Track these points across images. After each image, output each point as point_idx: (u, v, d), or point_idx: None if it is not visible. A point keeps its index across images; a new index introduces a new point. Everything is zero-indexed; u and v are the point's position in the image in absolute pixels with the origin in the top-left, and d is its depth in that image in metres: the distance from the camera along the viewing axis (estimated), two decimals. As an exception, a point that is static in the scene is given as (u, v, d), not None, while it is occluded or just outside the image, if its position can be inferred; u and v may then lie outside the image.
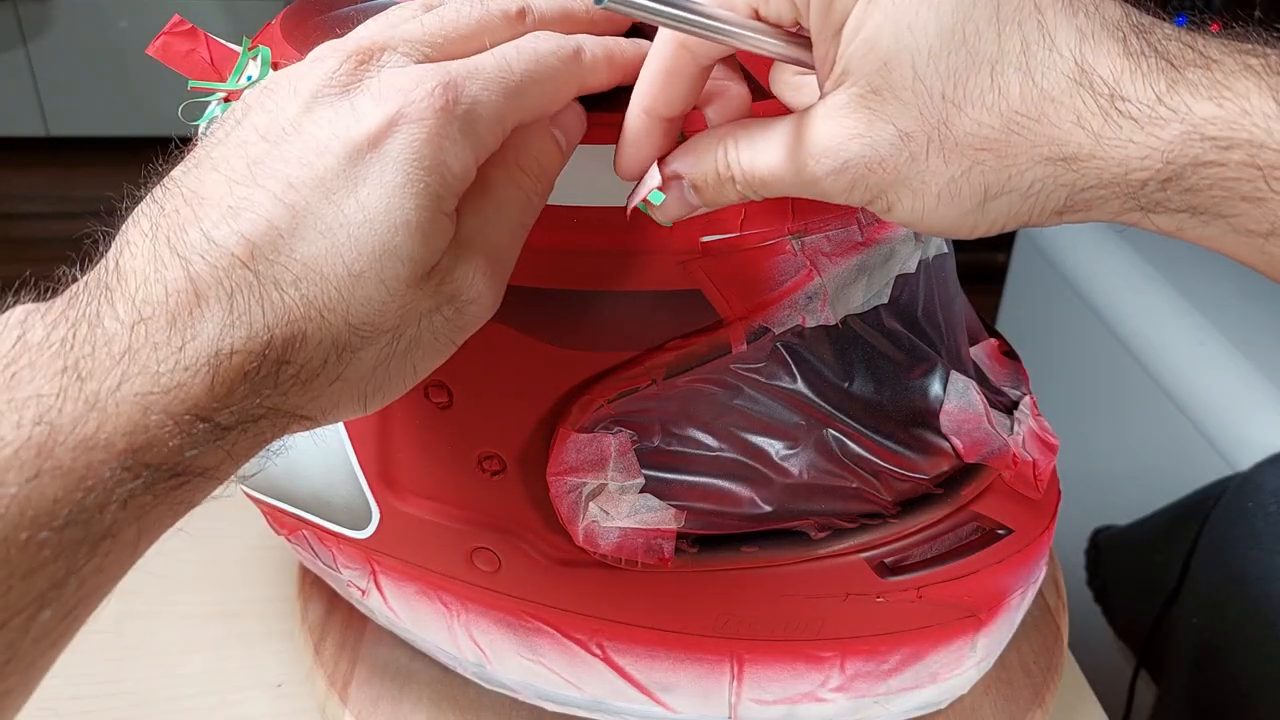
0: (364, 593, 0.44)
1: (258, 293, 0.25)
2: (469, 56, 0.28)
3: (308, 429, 0.28)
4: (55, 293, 0.25)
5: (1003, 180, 0.26)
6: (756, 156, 0.29)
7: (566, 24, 0.31)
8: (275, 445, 0.27)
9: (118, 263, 0.25)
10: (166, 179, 0.27)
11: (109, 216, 0.27)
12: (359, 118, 0.26)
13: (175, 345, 0.24)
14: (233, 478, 0.27)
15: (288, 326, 0.25)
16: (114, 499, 0.23)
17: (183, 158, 0.28)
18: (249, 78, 0.39)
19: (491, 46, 0.29)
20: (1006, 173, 0.25)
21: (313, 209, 0.25)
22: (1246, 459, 0.75)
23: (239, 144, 0.26)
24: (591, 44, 0.30)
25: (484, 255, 0.28)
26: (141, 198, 0.27)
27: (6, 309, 0.24)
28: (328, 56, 0.28)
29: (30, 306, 0.24)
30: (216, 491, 0.26)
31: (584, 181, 0.32)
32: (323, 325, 0.25)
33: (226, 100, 0.40)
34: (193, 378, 0.24)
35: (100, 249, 0.26)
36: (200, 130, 0.42)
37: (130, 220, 0.26)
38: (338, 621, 0.50)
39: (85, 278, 0.25)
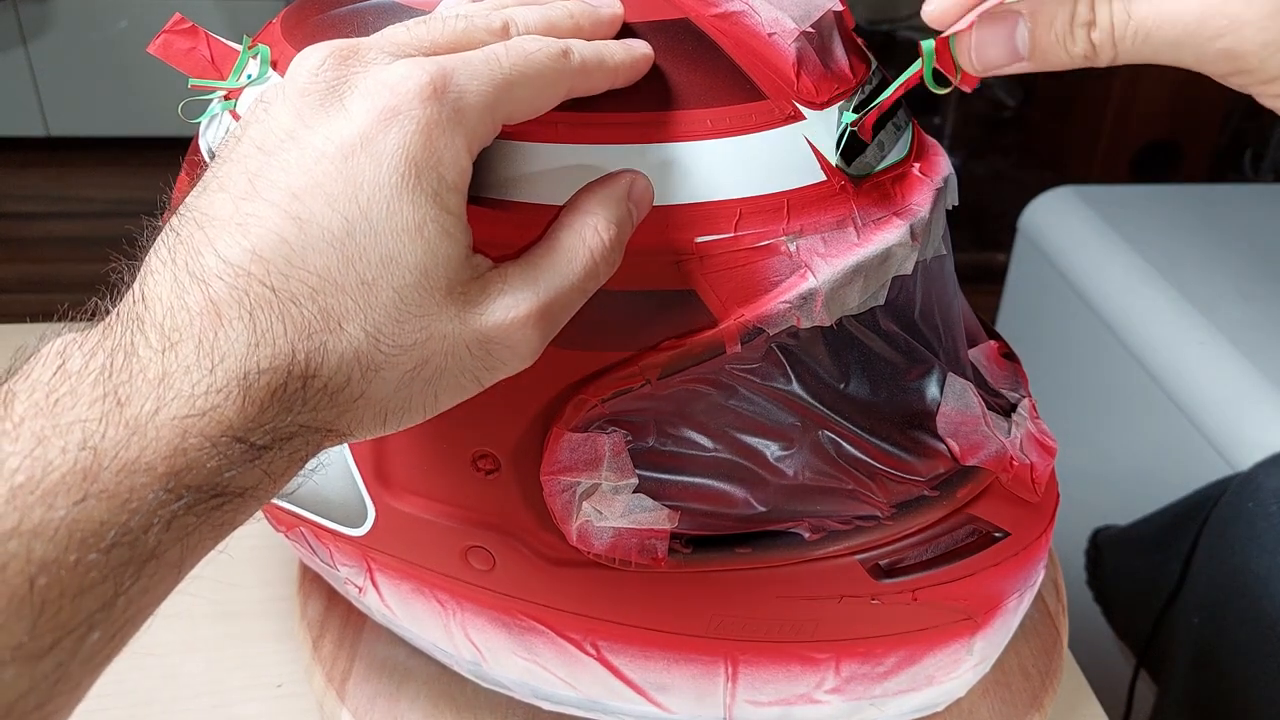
0: (361, 590, 0.44)
1: (277, 309, 0.25)
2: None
3: (339, 444, 0.28)
4: (85, 322, 0.26)
5: None
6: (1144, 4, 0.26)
7: (552, 34, 0.31)
8: (311, 464, 0.27)
9: (143, 292, 0.25)
10: (181, 206, 0.27)
11: (129, 247, 0.27)
12: (350, 118, 0.26)
13: (205, 368, 0.24)
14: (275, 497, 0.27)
15: (309, 340, 0.25)
16: (157, 521, 0.23)
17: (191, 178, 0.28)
18: (249, 76, 0.39)
19: None
20: None
21: (317, 217, 0.25)
22: (1247, 459, 0.74)
23: (240, 160, 0.27)
24: (581, 46, 0.30)
25: (534, 306, 0.28)
26: (159, 227, 0.27)
27: (43, 339, 0.25)
28: (312, 54, 0.28)
29: (69, 337, 0.25)
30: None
31: (577, 181, 0.32)
32: (344, 338, 0.25)
33: (227, 98, 0.40)
34: (225, 400, 0.24)
35: (125, 280, 0.26)
36: (201, 129, 0.43)
37: (151, 249, 0.26)
38: (337, 618, 0.50)
39: (117, 308, 0.25)
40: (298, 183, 0.26)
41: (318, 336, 0.25)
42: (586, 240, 0.30)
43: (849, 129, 0.35)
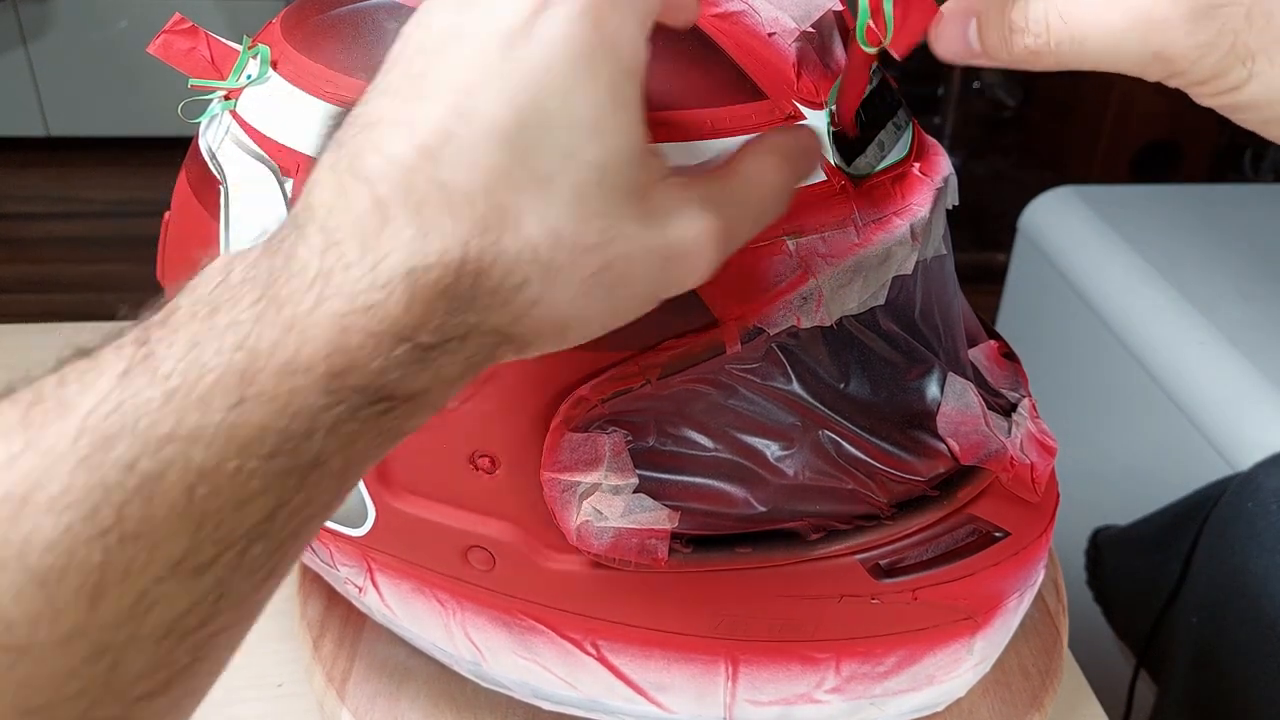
0: (361, 590, 0.44)
1: (446, 204, 0.24)
2: None
3: (514, 357, 0.26)
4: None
5: None
6: (1072, 5, 0.26)
7: None
8: (491, 365, 0.26)
9: (307, 200, 0.24)
10: (346, 117, 0.26)
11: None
12: (510, 4, 0.25)
13: (368, 265, 0.23)
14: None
15: (483, 237, 0.24)
16: (320, 425, 0.22)
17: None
18: (249, 76, 0.39)
19: None
20: None
21: (485, 111, 0.24)
22: (1246, 459, 0.74)
23: (403, 65, 0.26)
24: None
25: (718, 225, 0.27)
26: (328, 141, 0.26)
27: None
28: None
29: (233, 253, 0.24)
30: None
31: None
32: (520, 235, 0.24)
33: (227, 98, 0.40)
34: (388, 296, 0.23)
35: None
36: (200, 129, 0.42)
37: (316, 161, 0.25)
38: (337, 618, 0.50)
39: (284, 220, 0.25)
40: (461, 78, 0.24)
41: (492, 233, 0.24)
42: (767, 175, 0.29)
43: (829, 119, 0.35)
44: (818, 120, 0.35)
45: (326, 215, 0.24)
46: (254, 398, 0.22)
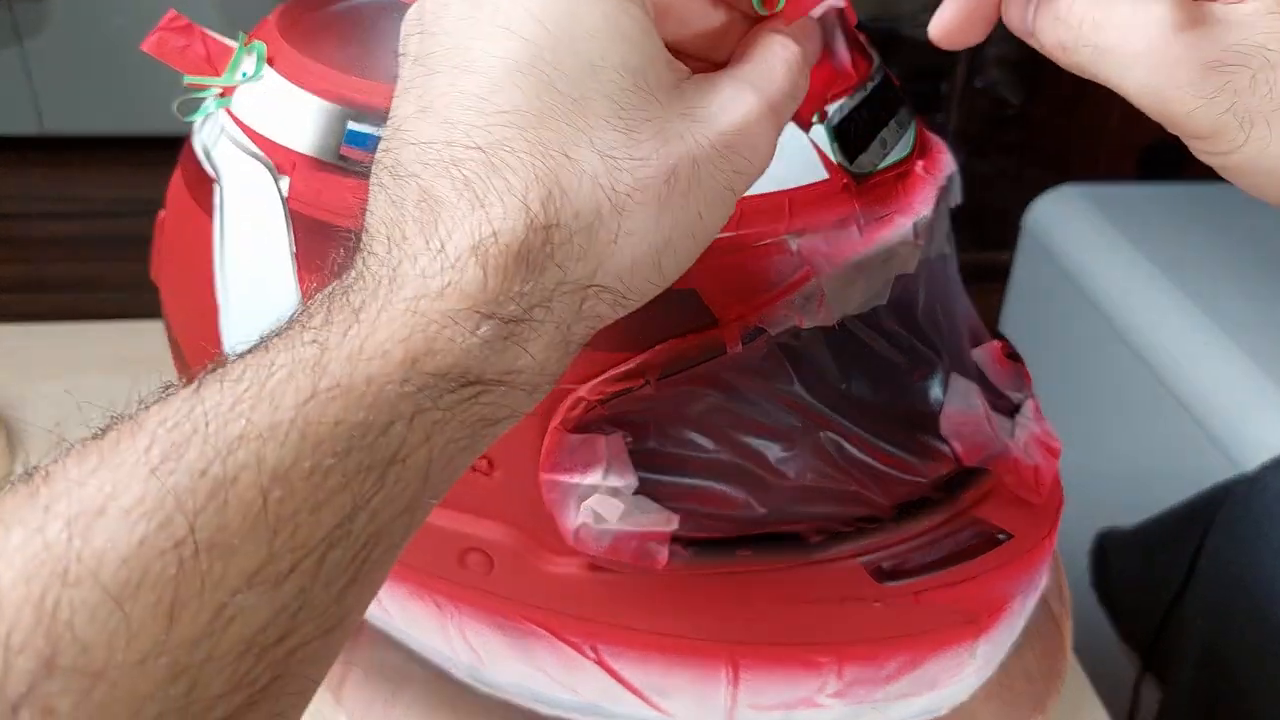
0: (358, 594, 0.44)
1: (489, 166, 0.23)
2: None
3: (617, 311, 0.25)
4: None
5: None
6: (1109, 14, 0.27)
7: None
8: (586, 334, 0.25)
9: (367, 224, 0.24)
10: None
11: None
12: None
13: (435, 249, 0.22)
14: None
15: (539, 184, 0.23)
16: (400, 415, 0.21)
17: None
18: (244, 74, 0.39)
19: None
20: None
21: (492, 53, 0.23)
22: (1252, 460, 0.74)
23: (410, 58, 0.25)
24: None
25: (762, 102, 0.26)
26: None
27: None
28: None
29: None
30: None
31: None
32: (575, 167, 0.23)
33: (222, 95, 0.39)
34: (461, 274, 0.22)
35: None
36: (195, 127, 0.42)
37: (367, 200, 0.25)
38: (333, 622, 0.50)
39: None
40: (458, 36, 0.24)
41: (546, 177, 0.23)
42: (779, 54, 0.28)
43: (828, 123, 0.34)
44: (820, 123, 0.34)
45: (388, 227, 0.23)
46: (326, 390, 0.21)
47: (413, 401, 0.21)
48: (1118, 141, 1.93)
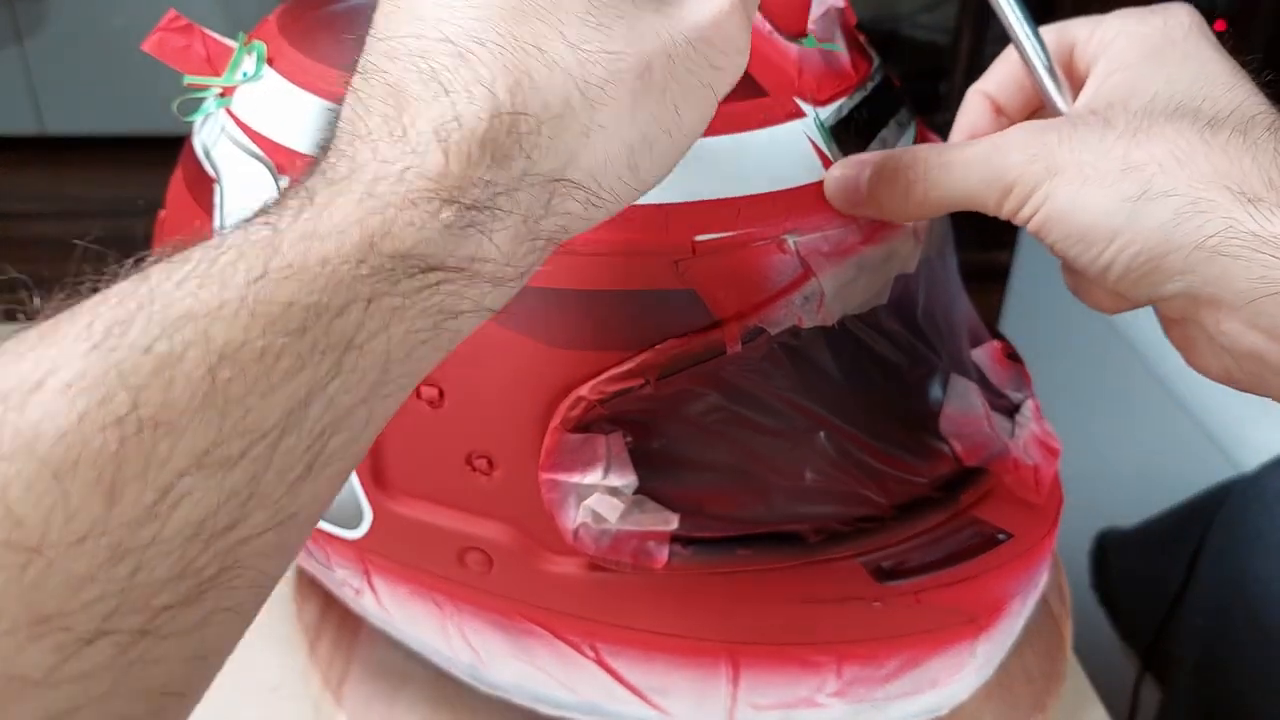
0: (357, 592, 0.44)
1: (457, 56, 0.22)
2: None
3: (587, 207, 0.24)
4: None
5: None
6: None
7: None
8: (558, 232, 0.24)
9: (338, 125, 0.23)
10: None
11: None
12: None
13: (396, 135, 0.22)
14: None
15: (508, 74, 0.22)
16: (356, 297, 0.21)
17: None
18: (244, 74, 0.39)
19: None
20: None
21: None
22: (1252, 461, 0.74)
23: None
24: None
25: None
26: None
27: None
28: None
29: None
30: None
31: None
32: (546, 59, 0.23)
33: (222, 95, 0.39)
34: (422, 158, 0.22)
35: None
36: (195, 127, 0.42)
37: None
38: (333, 621, 0.50)
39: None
40: None
41: (516, 68, 0.22)
42: None
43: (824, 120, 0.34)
44: (817, 121, 0.34)
45: (352, 124, 0.23)
46: (278, 270, 0.20)
47: (369, 285, 0.21)
48: (1117, 142, 1.93)
